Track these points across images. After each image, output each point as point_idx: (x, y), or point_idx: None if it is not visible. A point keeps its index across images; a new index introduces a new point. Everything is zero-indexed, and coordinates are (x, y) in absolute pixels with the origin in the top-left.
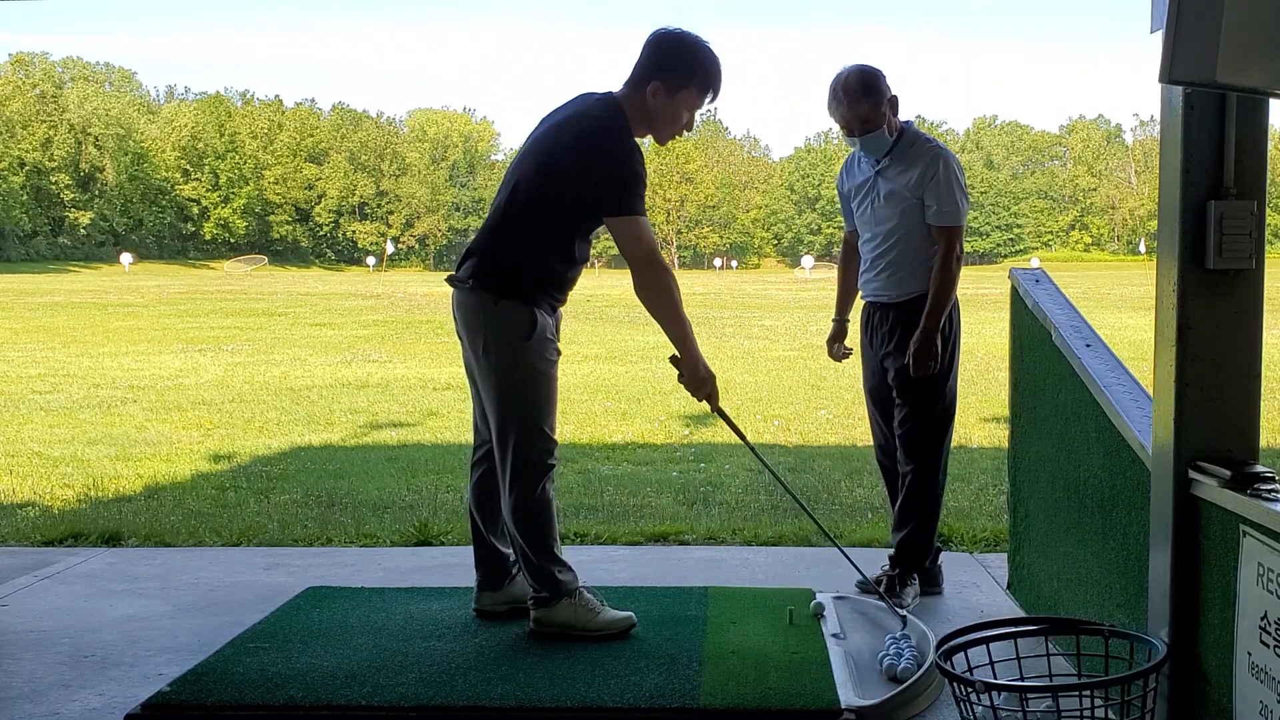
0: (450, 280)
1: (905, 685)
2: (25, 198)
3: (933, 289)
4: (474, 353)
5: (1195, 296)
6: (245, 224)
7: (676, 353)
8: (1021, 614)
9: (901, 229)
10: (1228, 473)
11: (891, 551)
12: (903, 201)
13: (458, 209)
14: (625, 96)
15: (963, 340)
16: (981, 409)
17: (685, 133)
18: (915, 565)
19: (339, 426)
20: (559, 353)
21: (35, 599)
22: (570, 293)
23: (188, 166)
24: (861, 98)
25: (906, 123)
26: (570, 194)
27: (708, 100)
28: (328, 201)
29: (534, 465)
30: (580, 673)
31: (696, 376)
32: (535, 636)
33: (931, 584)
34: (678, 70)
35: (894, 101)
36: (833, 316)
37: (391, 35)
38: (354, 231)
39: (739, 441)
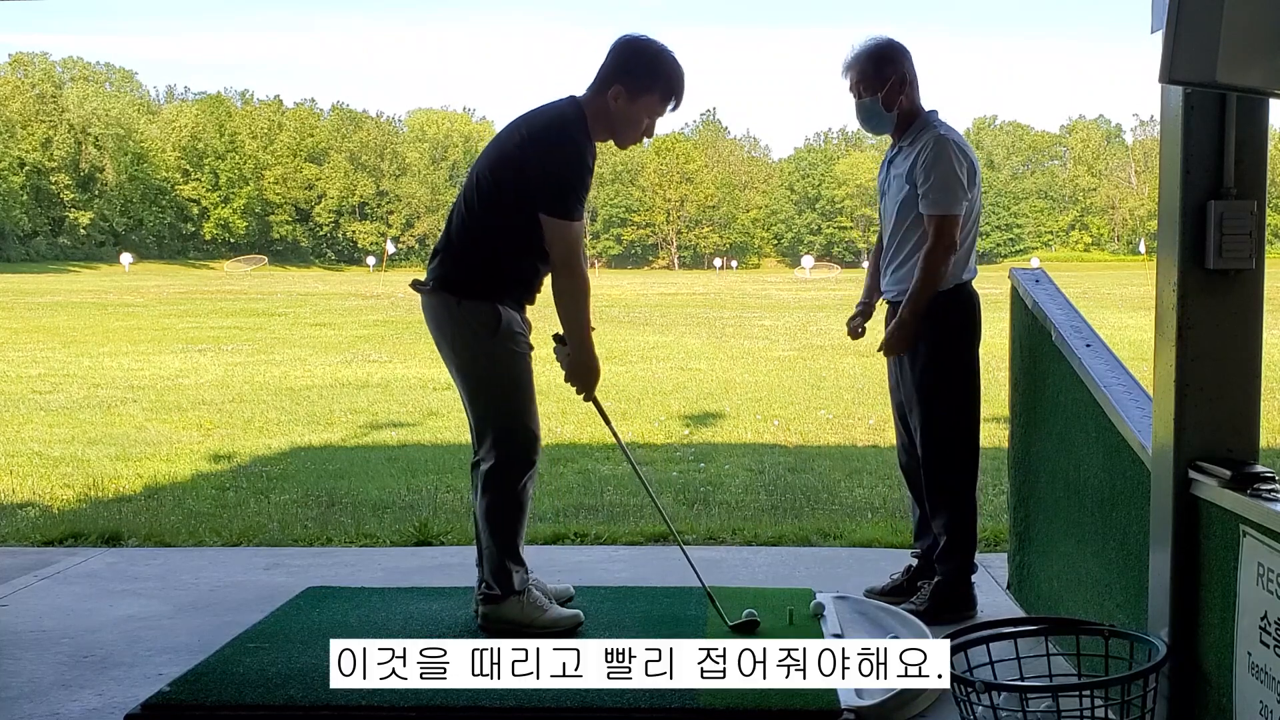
0: (414, 285)
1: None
2: (25, 198)
3: (915, 276)
4: (442, 354)
5: (1195, 296)
6: (245, 224)
7: (563, 334)
8: (1021, 614)
9: (906, 221)
10: (1228, 473)
11: (913, 561)
12: (902, 191)
13: None
14: (588, 100)
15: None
16: (981, 409)
17: (646, 139)
18: (954, 572)
19: (339, 426)
20: (531, 347)
21: (35, 599)
22: (538, 293)
23: (188, 166)
24: (865, 59)
25: (931, 112)
26: (521, 190)
27: (669, 108)
28: (328, 201)
29: (513, 462)
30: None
31: (581, 366)
32: (486, 631)
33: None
34: (640, 76)
35: (899, 82)
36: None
37: (391, 35)
38: (354, 231)
39: (740, 441)
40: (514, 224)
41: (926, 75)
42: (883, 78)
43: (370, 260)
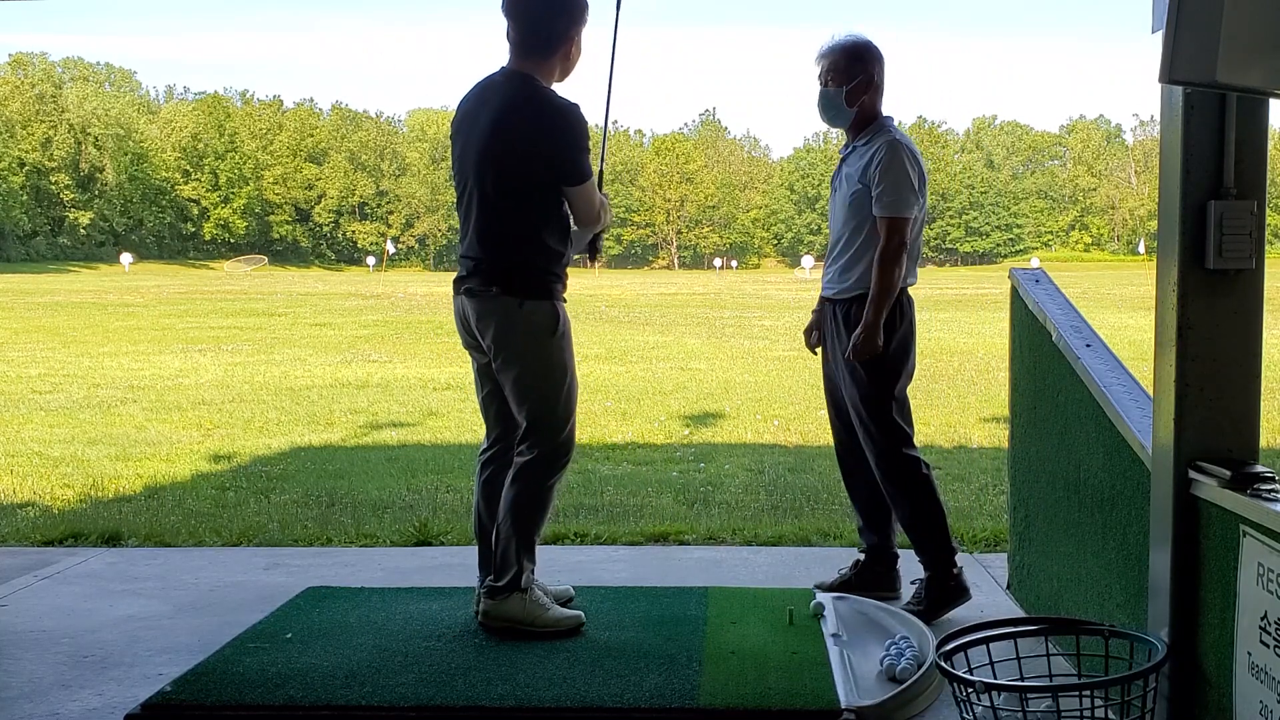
0: (468, 291)
1: (905, 685)
2: (25, 198)
3: (872, 280)
4: (499, 355)
5: (1195, 296)
6: (245, 224)
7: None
8: (1021, 614)
9: (852, 220)
10: (1228, 473)
11: (860, 556)
12: (853, 188)
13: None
14: (538, 67)
15: (963, 340)
16: (981, 409)
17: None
18: (937, 563)
19: (339, 426)
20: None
21: (35, 599)
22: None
23: (188, 167)
24: (840, 52)
25: (887, 118)
26: (548, 175)
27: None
28: (328, 201)
29: (552, 460)
30: (580, 673)
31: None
32: (486, 629)
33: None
34: (573, 19)
35: (866, 82)
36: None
37: (391, 35)
38: (354, 231)
39: (740, 441)
40: (546, 212)
41: (926, 75)
42: (851, 74)
43: (370, 260)
